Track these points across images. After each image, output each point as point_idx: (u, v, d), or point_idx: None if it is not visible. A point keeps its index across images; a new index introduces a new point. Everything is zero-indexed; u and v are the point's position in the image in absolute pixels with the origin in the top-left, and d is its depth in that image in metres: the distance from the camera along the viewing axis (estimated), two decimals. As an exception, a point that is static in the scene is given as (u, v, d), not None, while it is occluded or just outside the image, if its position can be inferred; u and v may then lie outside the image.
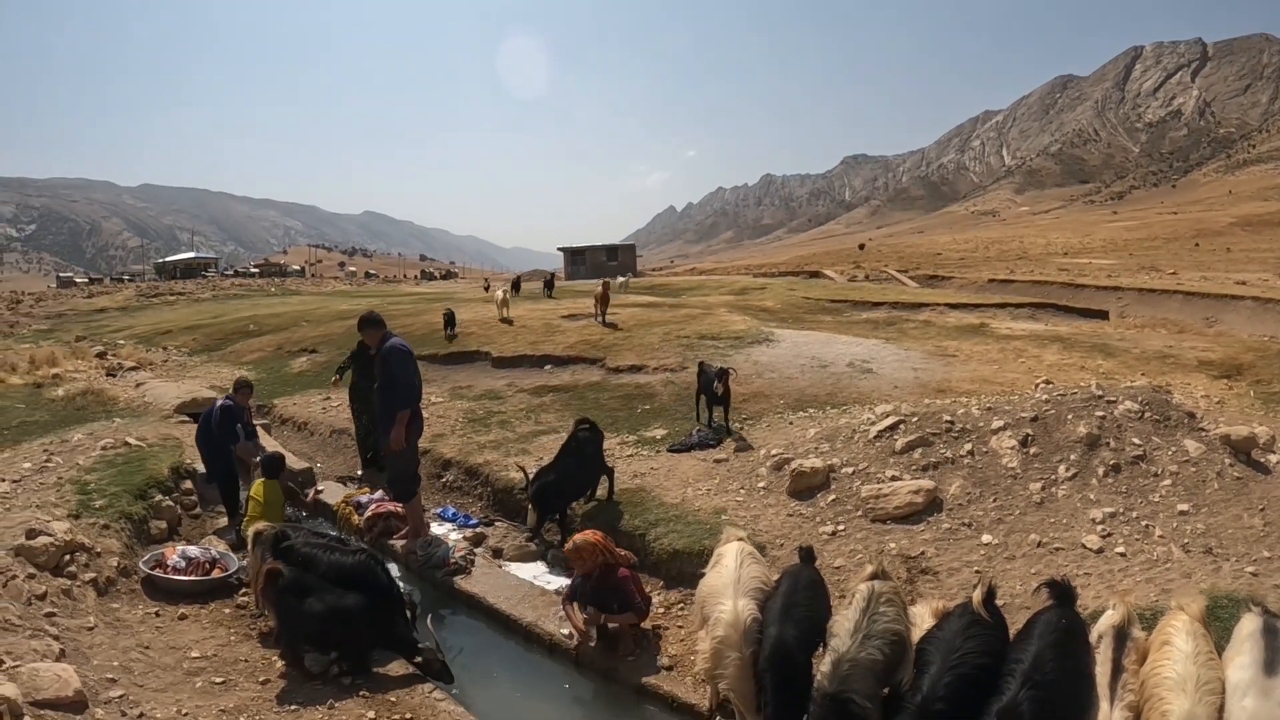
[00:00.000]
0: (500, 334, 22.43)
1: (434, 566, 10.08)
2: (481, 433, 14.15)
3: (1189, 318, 32.67)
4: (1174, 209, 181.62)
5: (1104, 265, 65.03)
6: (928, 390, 15.21)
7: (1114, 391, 11.32)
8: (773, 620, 6.91)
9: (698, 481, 11.24)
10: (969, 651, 6.08)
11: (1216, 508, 9.11)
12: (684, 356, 18.49)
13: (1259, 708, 5.38)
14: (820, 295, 34.97)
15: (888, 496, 10.03)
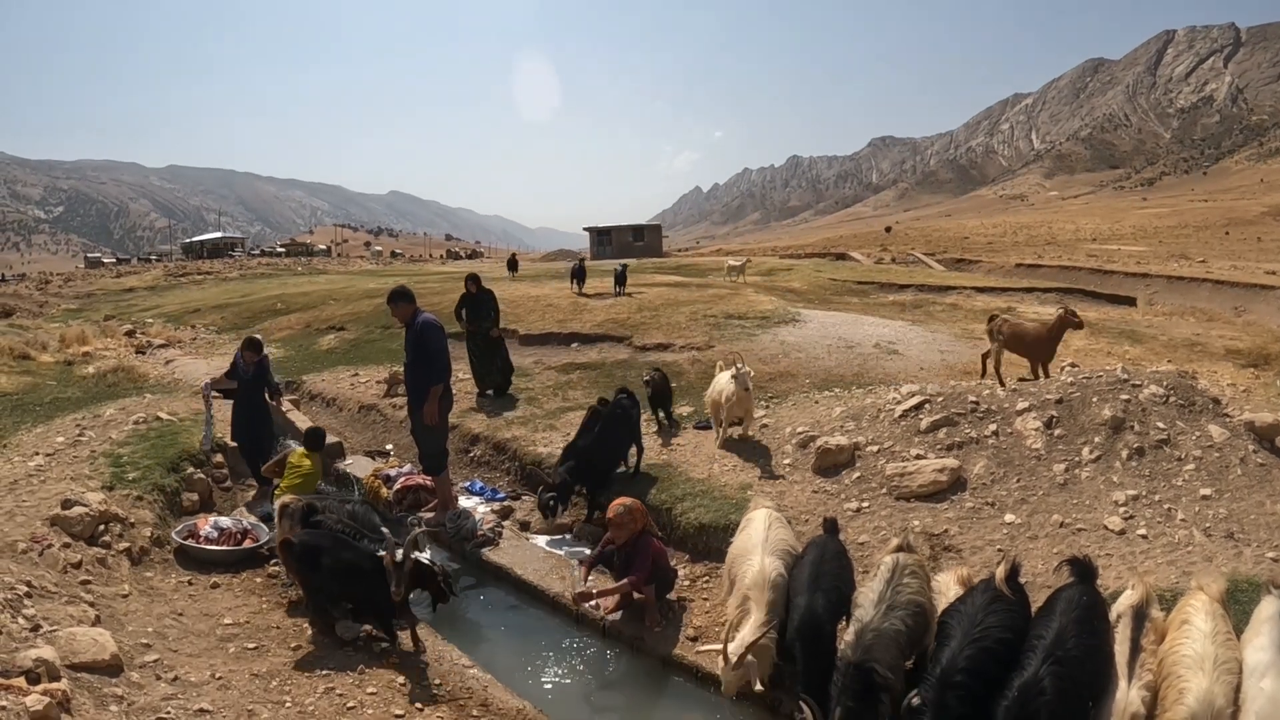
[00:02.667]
0: (528, 312, 22.53)
1: (463, 539, 10.26)
2: (512, 409, 14.27)
3: (1218, 306, 32.46)
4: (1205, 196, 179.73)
5: (1133, 252, 64.51)
6: (954, 372, 15.24)
7: (1139, 375, 11.33)
8: (801, 589, 7.06)
9: (724, 458, 11.33)
10: (991, 626, 6.17)
11: (1239, 493, 9.14)
12: (710, 335, 18.56)
13: (1276, 689, 5.45)
14: (847, 277, 34.91)
15: (912, 475, 10.11)
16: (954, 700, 5.91)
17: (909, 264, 52.89)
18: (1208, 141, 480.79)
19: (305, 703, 6.68)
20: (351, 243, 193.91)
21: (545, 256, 79.31)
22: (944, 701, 5.96)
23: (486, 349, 14.81)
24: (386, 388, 15.86)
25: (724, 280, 30.87)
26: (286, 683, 6.97)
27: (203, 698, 6.53)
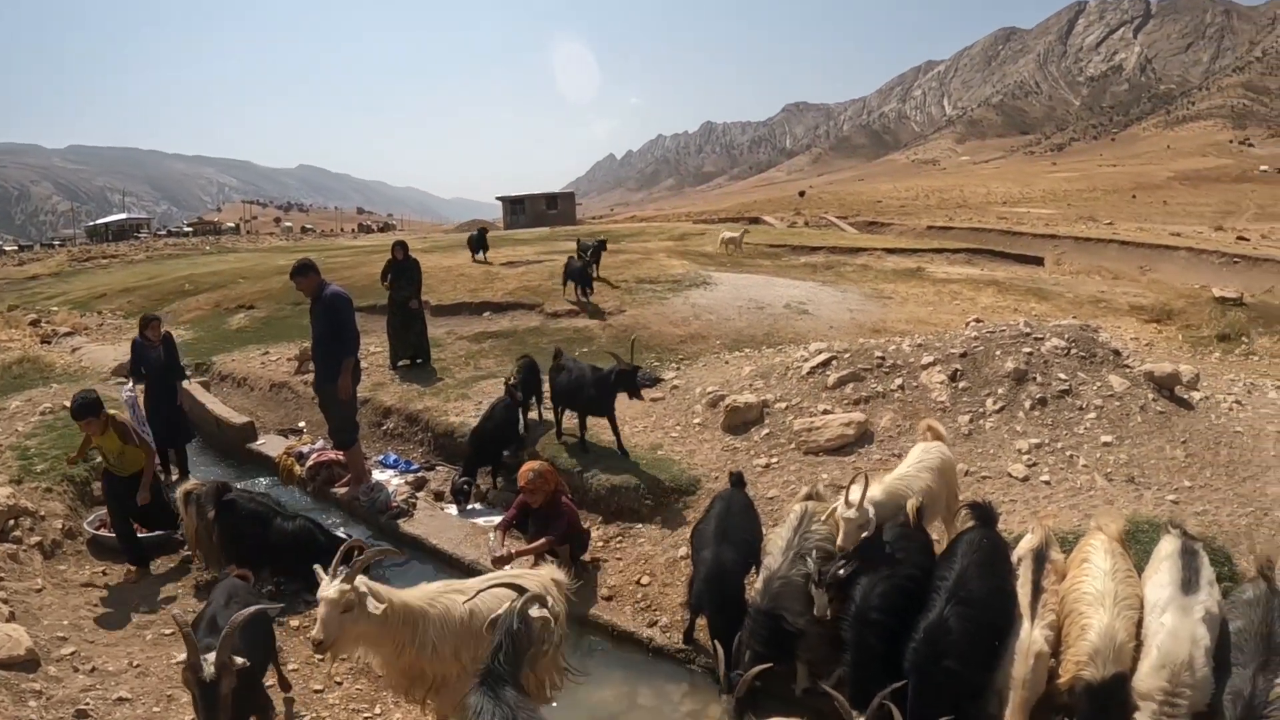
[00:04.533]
0: (440, 282, 22.31)
1: (377, 511, 10.25)
2: (422, 380, 14.15)
3: (1124, 266, 33.34)
4: (1114, 162, 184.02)
5: (1043, 214, 65.83)
6: (863, 330, 15.46)
7: (1042, 329, 11.64)
8: (708, 542, 7.15)
9: (635, 420, 11.39)
10: (901, 563, 6.38)
11: (1140, 439, 9.46)
12: (622, 300, 18.64)
13: (1177, 624, 5.61)
14: (759, 240, 35.14)
15: (820, 429, 10.29)
16: (873, 638, 6.09)
17: (822, 227, 53.35)
18: (1117, 109, 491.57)
19: None
20: (262, 219, 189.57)
21: (459, 227, 78.49)
22: (863, 640, 6.13)
23: (405, 320, 14.64)
24: (298, 365, 15.62)
25: (716, 249, 30.31)
26: None
27: (121, 686, 6.52)
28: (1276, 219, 65.47)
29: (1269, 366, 14.40)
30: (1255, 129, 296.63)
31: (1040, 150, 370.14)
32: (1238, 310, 18.15)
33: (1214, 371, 13.09)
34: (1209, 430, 9.72)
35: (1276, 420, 10.22)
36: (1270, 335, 16.46)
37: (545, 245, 29.36)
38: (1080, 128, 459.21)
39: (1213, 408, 10.40)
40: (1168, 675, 5.41)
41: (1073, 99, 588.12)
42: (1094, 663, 5.64)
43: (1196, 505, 8.18)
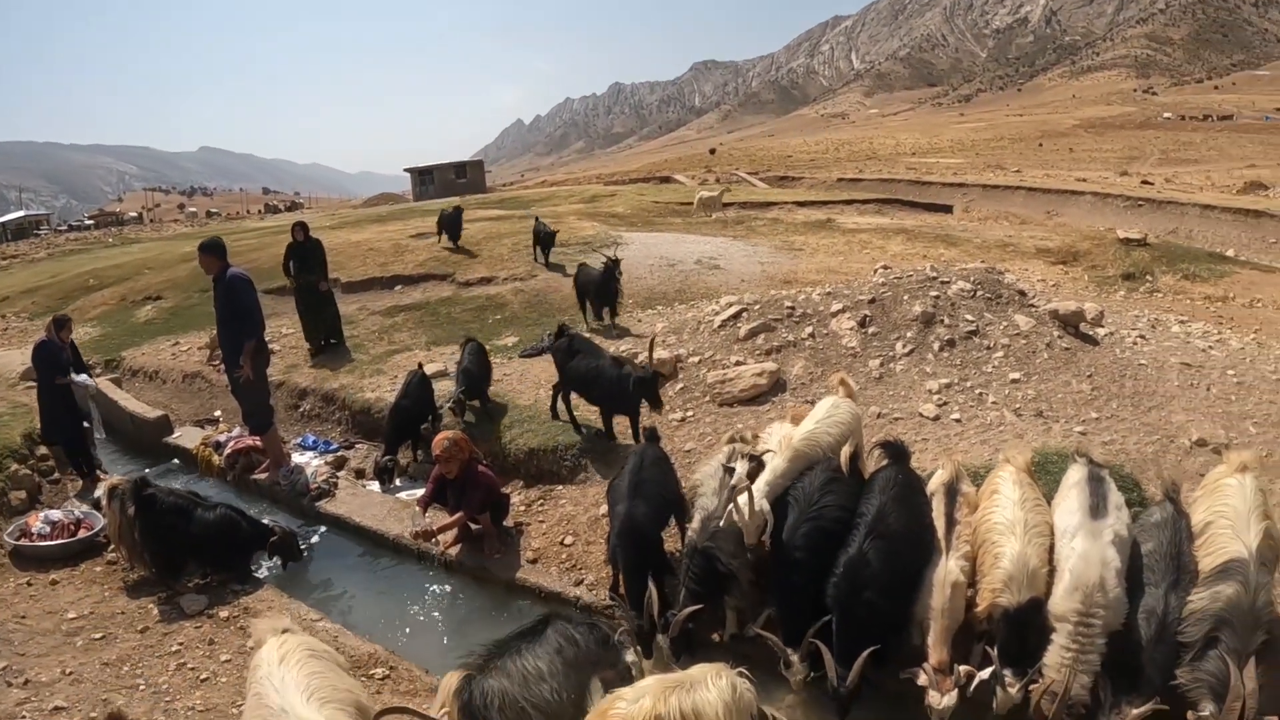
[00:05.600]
0: (350, 258, 21.97)
1: (299, 494, 10.18)
2: (336, 360, 13.97)
3: (1031, 211, 33.91)
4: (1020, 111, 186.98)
5: (951, 164, 66.71)
6: (774, 282, 15.58)
7: (948, 273, 11.91)
8: (621, 497, 7.20)
9: (549, 383, 11.30)
10: (826, 505, 6.50)
11: (1046, 375, 9.79)
12: (533, 266, 18.59)
13: (1087, 548, 5.80)
14: (670, 199, 35.15)
15: (733, 381, 10.41)
16: (798, 575, 6.25)
17: (733, 183, 53.48)
18: (1022, 60, 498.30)
19: (159, 682, 6.62)
20: (165, 207, 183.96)
21: (366, 202, 77.15)
22: (788, 578, 6.31)
23: (315, 303, 14.28)
24: (209, 353, 15.30)
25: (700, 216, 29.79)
26: (138, 666, 6.88)
27: (56, 695, 6.41)
28: (1179, 164, 67.09)
29: (1172, 303, 14.84)
30: (1159, 78, 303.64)
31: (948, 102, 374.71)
32: (1142, 250, 18.59)
33: (1119, 309, 13.48)
34: (1114, 364, 10.07)
35: (1179, 353, 10.63)
36: (1173, 273, 16.93)
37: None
38: (987, 79, 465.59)
39: (1117, 342, 10.76)
40: (1081, 598, 5.58)
41: (979, 51, 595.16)
42: (1009, 589, 5.83)
43: (1104, 435, 8.47)
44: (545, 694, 4.75)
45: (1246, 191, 40.72)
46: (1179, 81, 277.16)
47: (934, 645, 5.91)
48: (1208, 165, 64.27)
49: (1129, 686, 5.52)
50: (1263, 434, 8.60)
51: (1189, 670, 5.47)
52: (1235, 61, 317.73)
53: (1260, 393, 9.55)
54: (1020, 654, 5.77)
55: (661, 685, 4.44)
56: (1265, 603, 5.57)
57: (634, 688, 4.48)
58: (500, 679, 4.82)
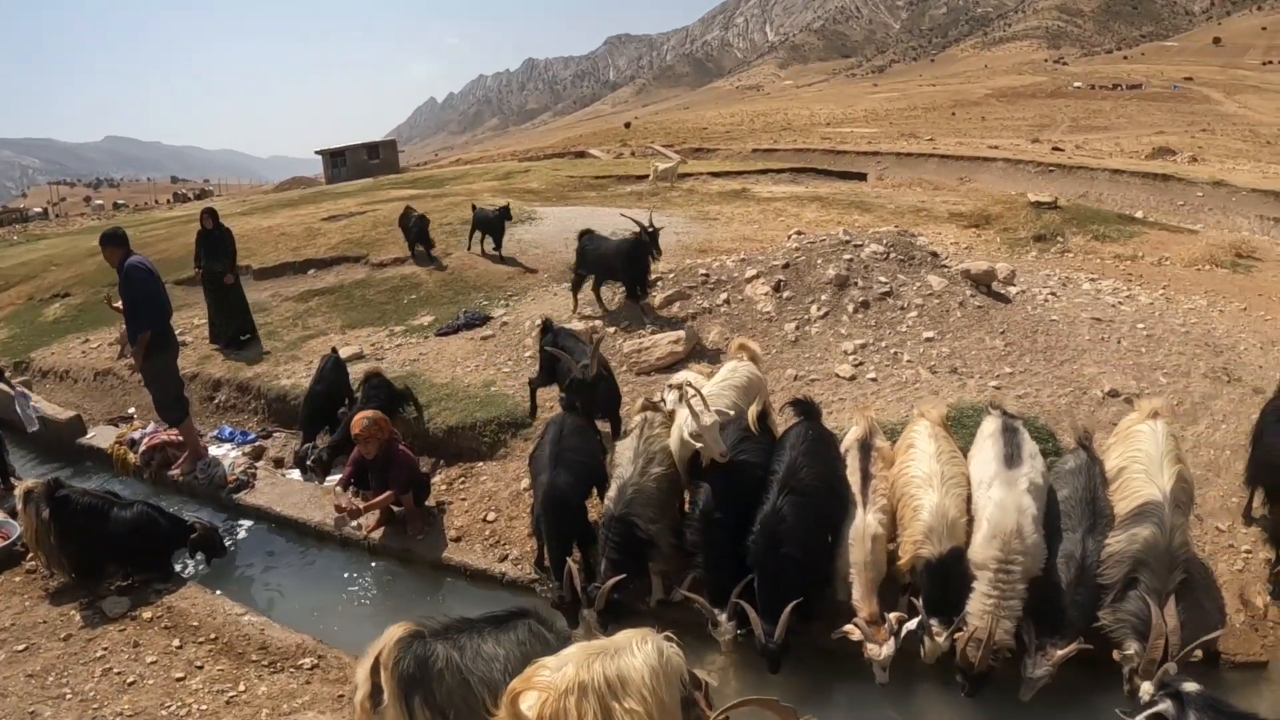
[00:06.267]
0: (261, 244, 21.48)
1: (217, 487, 10.00)
2: (249, 348, 13.68)
3: (944, 178, 34.28)
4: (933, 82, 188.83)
5: (865, 133, 67.16)
6: (690, 251, 15.56)
7: (861, 236, 12.08)
8: (543, 467, 7.17)
9: (466, 360, 11.43)
10: (740, 463, 6.51)
11: (960, 333, 10.00)
12: (447, 243, 18.37)
13: (1004, 496, 5.93)
14: (585, 173, 35.00)
15: (649, 349, 10.44)
16: (719, 534, 6.27)
17: (648, 156, 53.45)
18: (935, 32, 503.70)
19: (85, 690, 6.45)
20: (71, 200, 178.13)
21: (278, 187, 75.59)
22: (710, 538, 6.32)
23: (220, 295, 13.83)
24: (120, 349, 14.85)
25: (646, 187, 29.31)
26: (63, 675, 6.68)
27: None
28: (1090, 131, 68.27)
29: (1083, 262, 15.13)
30: (1069, 48, 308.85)
31: (862, 73, 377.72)
32: (1053, 213, 18.89)
33: (1031, 268, 13.74)
34: (1026, 320, 10.32)
35: (1090, 309, 10.92)
36: (1084, 234, 17.25)
37: (368, 196, 28.67)
38: (900, 50, 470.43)
39: (1029, 300, 11.01)
40: (999, 545, 5.71)
41: (892, 22, 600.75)
42: (930, 541, 5.96)
43: (1018, 389, 8.67)
44: (494, 674, 4.67)
45: (1155, 157, 41.57)
46: (1089, 52, 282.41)
47: (862, 599, 6.03)
48: (1117, 132, 65.55)
49: (1052, 629, 5.67)
50: (1173, 383, 8.89)
51: (1111, 611, 5.66)
52: (1144, 33, 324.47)
53: (1169, 345, 9.85)
54: (944, 603, 5.89)
55: (585, 653, 4.40)
56: (1181, 543, 5.75)
57: (557, 656, 4.42)
58: (451, 648, 4.78)
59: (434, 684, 4.67)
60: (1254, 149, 50.23)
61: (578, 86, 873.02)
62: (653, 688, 4.39)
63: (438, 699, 4.66)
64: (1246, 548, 6.97)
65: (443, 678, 4.70)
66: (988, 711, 5.77)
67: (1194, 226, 21.46)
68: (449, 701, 4.68)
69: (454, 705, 4.68)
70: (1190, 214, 26.78)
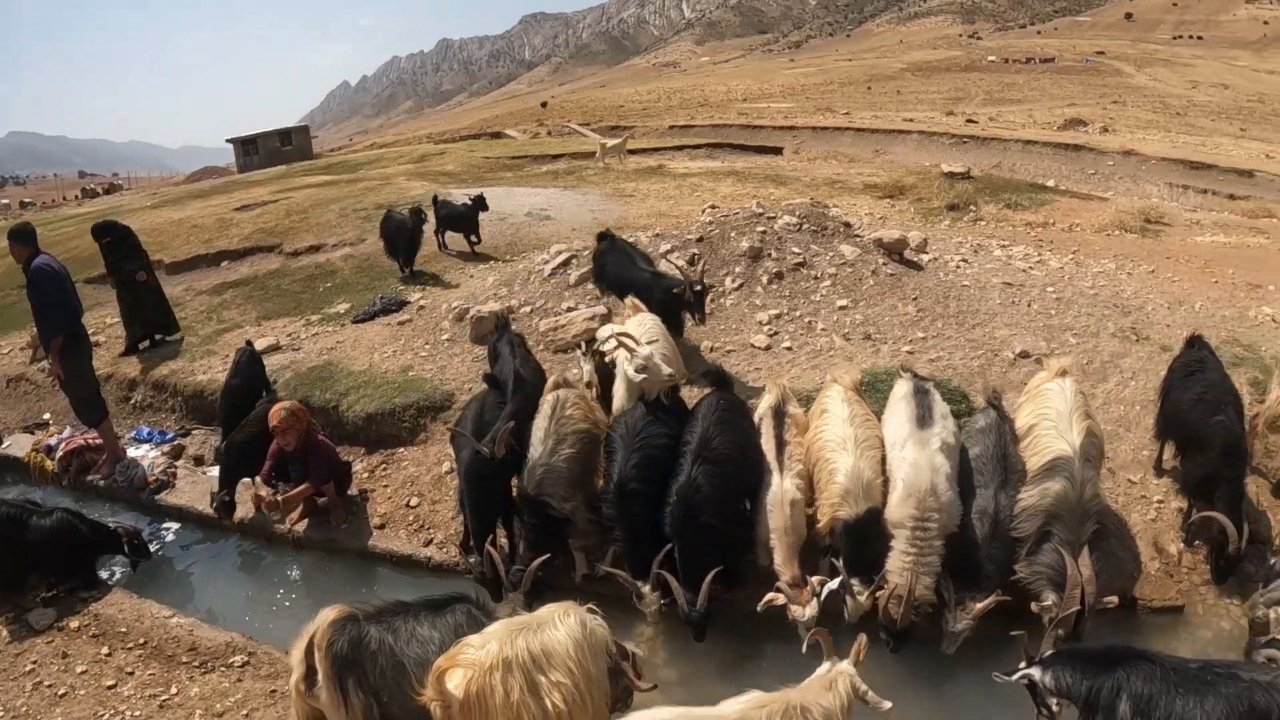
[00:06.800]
0: (173, 238, 21.04)
1: (137, 488, 9.76)
2: (164, 345, 13.37)
3: (860, 151, 34.76)
4: (849, 57, 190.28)
5: (782, 108, 67.70)
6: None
7: (774, 209, 12.20)
8: (465, 442, 7.20)
9: (384, 346, 11.35)
10: (650, 435, 6.57)
11: (873, 300, 10.18)
12: (362, 229, 18.21)
13: (917, 456, 6.06)
14: (501, 153, 34.91)
15: (565, 327, 10.48)
16: (636, 507, 6.32)
17: (565, 135, 53.35)
18: (851, 7, 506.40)
19: (16, 705, 6.34)
20: None
21: (189, 178, 73.96)
22: (627, 511, 6.36)
23: (137, 295, 13.32)
24: (31, 352, 14.37)
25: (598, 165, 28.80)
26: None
27: None
28: (1003, 103, 69.48)
29: (995, 229, 15.44)
30: (983, 24, 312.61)
31: (778, 48, 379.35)
32: (966, 183, 19.26)
33: (943, 236, 13.99)
34: (938, 287, 10.56)
35: (1001, 274, 11.20)
36: (996, 203, 17.62)
37: (281, 184, 28.27)
38: (816, 25, 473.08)
39: (941, 267, 11.26)
40: (915, 503, 5.85)
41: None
42: (847, 503, 6.06)
43: (931, 353, 8.88)
44: (429, 656, 4.64)
45: (1067, 128, 42.48)
46: (1003, 27, 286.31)
47: (783, 564, 6.12)
48: (1030, 104, 66.81)
49: (971, 584, 5.82)
50: (1082, 343, 9.15)
51: (1027, 565, 5.84)
52: (1057, 8, 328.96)
53: (1079, 307, 10.12)
54: (864, 563, 6.01)
55: (508, 629, 4.47)
56: (1092, 495, 5.95)
57: (481, 634, 4.47)
58: (385, 631, 4.80)
59: (368, 665, 4.69)
60: (1164, 120, 51.59)
61: (493, 66, 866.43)
62: (577, 659, 4.50)
63: (372, 680, 4.68)
64: (1159, 498, 7.24)
65: (376, 659, 4.71)
66: (913, 667, 5.91)
67: (1104, 194, 21.97)
68: (383, 683, 4.70)
69: (388, 687, 4.70)
70: (1101, 182, 27.44)
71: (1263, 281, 12.02)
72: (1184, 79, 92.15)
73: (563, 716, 4.39)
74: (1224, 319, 10.24)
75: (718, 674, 5.88)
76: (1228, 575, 6.37)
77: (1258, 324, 10.16)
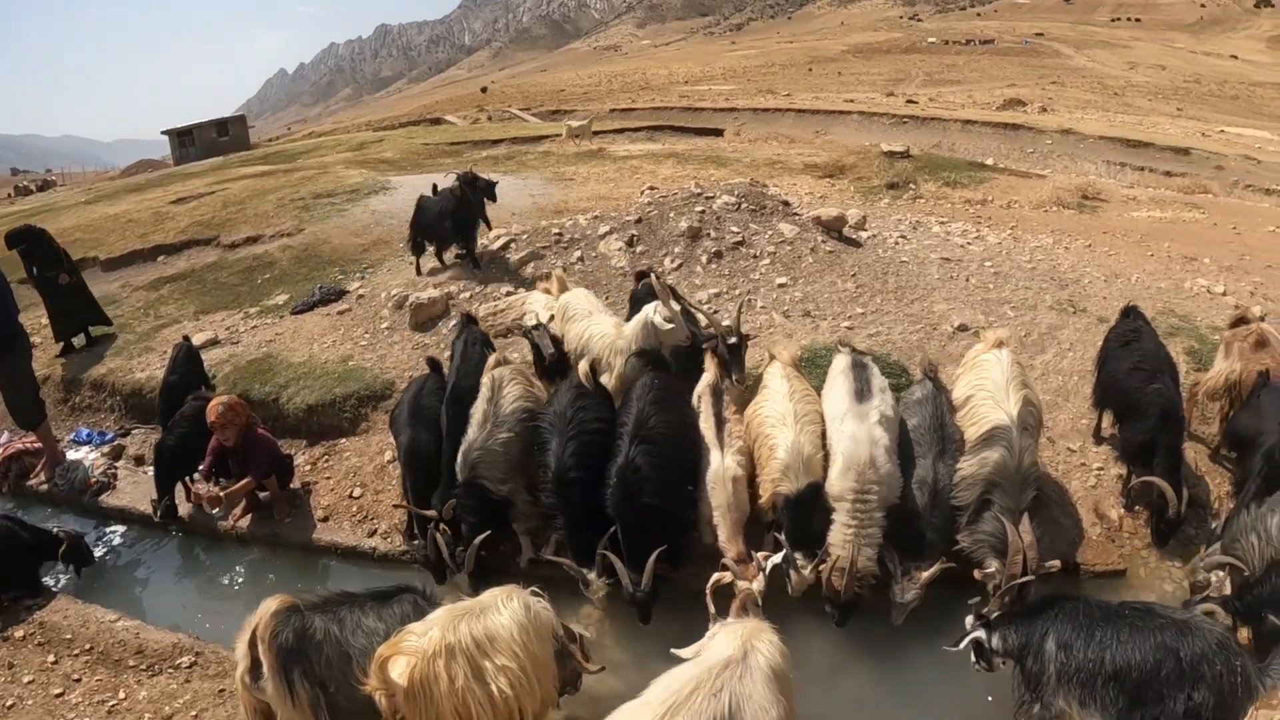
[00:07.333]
0: (108, 234, 20.67)
1: (78, 491, 9.60)
2: (101, 343, 13.16)
3: (801, 132, 34.92)
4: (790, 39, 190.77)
5: (723, 90, 67.85)
6: (545, 212, 15.54)
7: (713, 189, 12.26)
8: (402, 427, 7.35)
9: (323, 336, 11.27)
10: (583, 421, 6.58)
11: (812, 277, 10.27)
12: (300, 219, 18.00)
13: (856, 429, 6.11)
14: (441, 140, 34.66)
15: (505, 311, 10.44)
16: (576, 494, 6.34)
17: (505, 120, 53.13)
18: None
19: None
20: None
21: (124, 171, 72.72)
22: (568, 499, 6.37)
23: (60, 299, 12.95)
24: None
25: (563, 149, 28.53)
26: None
27: None
28: (943, 84, 70.12)
29: (934, 207, 15.62)
30: (923, 5, 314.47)
31: (720, 31, 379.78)
32: (905, 162, 19.45)
33: (883, 214, 14.13)
34: (877, 263, 10.70)
35: (940, 249, 11.37)
36: (935, 181, 17.84)
37: (218, 175, 27.93)
38: (758, 8, 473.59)
39: (880, 244, 11.40)
40: (854, 476, 5.91)
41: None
42: (787, 478, 6.10)
43: (870, 328, 8.99)
44: (376, 647, 4.58)
45: (1006, 108, 42.95)
46: (944, 9, 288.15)
47: (728, 540, 6.16)
48: (970, 85, 67.45)
49: (915, 553, 5.91)
50: (1020, 316, 9.31)
51: (969, 534, 5.95)
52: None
53: (1016, 280, 10.29)
54: (806, 537, 6.06)
55: (451, 615, 4.48)
56: (1030, 463, 6.05)
57: (424, 621, 4.50)
58: (330, 622, 4.79)
59: (313, 656, 4.67)
60: (1102, 99, 52.34)
61: (433, 52, 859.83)
62: (522, 643, 4.54)
63: (318, 671, 4.66)
64: (1098, 465, 7.40)
65: (322, 650, 4.70)
66: (860, 640, 6.01)
67: (1043, 172, 22.30)
68: (329, 674, 4.69)
69: (334, 678, 4.69)
70: (1039, 160, 27.79)
71: (1198, 254, 12.25)
72: (1122, 60, 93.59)
73: (509, 701, 4.41)
74: (1160, 291, 10.44)
75: (666, 654, 5.90)
76: (1168, 539, 6.57)
77: (1193, 295, 10.38)
